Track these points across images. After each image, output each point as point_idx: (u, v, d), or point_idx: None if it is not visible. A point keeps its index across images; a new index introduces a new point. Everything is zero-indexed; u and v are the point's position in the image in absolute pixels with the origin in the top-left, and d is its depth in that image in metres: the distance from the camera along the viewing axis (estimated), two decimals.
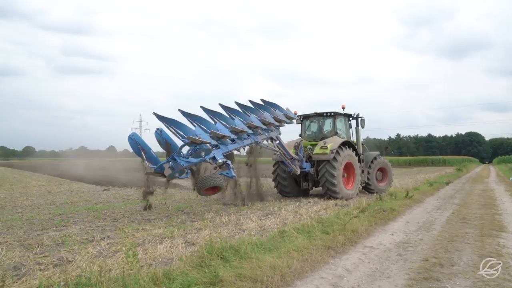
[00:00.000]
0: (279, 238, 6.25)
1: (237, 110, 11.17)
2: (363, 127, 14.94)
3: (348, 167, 13.33)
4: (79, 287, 3.77)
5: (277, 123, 12.08)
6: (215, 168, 9.58)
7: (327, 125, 14.35)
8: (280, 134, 12.41)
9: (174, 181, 21.11)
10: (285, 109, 12.83)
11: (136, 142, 9.07)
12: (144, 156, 8.91)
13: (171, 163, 8.87)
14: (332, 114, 14.11)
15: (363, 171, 14.42)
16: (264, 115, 11.49)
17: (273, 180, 14.15)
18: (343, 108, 14.66)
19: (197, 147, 9.08)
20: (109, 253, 5.80)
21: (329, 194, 12.52)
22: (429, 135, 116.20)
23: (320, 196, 13.37)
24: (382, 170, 15.66)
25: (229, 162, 9.49)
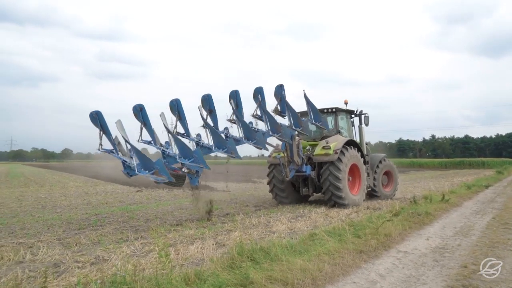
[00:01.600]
0: (310, 241, 6.19)
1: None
2: (367, 125, 13.33)
3: (353, 170, 11.80)
4: (115, 285, 3.89)
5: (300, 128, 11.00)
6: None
7: (328, 122, 12.55)
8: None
9: (205, 182, 21.47)
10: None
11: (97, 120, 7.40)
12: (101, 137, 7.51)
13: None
14: (334, 110, 12.56)
15: (368, 174, 12.82)
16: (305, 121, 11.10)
17: (268, 184, 12.61)
18: (346, 103, 13.10)
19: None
20: (143, 253, 5.95)
21: (333, 200, 11.09)
22: (466, 136, 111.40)
23: (319, 202, 12.28)
24: (387, 174, 14.09)
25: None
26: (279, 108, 10.59)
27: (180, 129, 8.91)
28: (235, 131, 9.41)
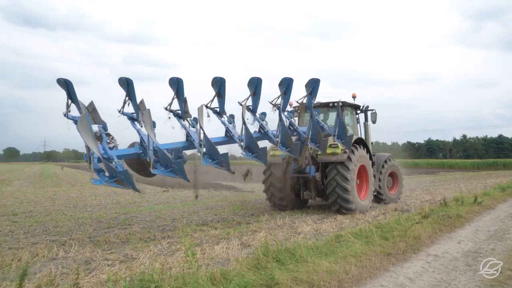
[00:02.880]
0: (336, 243, 6.12)
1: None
2: (374, 122, 12.11)
3: (361, 172, 10.54)
4: (143, 283, 3.97)
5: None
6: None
7: (333, 118, 10.98)
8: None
9: (230, 183, 21.66)
10: None
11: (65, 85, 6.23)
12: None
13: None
14: (340, 104, 10.64)
15: (374, 177, 11.46)
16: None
17: (264, 192, 11.14)
18: (354, 97, 11.71)
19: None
20: (169, 252, 6.06)
21: (338, 203, 9.74)
22: (500, 136, 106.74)
23: (321, 207, 11.31)
24: (392, 175, 12.83)
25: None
26: (304, 101, 9.21)
27: (177, 113, 7.56)
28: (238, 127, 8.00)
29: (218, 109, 7.94)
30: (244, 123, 7.53)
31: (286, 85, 8.32)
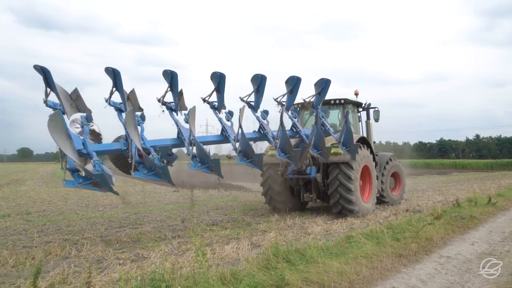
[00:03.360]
0: (346, 244, 6.07)
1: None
2: (376, 120, 11.69)
3: (364, 173, 9.96)
4: (154, 283, 4.00)
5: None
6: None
7: (335, 116, 10.93)
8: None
9: (240, 183, 21.65)
10: None
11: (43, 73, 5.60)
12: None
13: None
14: (342, 101, 10.65)
15: (377, 177, 10.86)
16: None
17: (263, 195, 10.59)
18: (356, 94, 11.26)
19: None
20: (180, 252, 6.10)
21: (340, 205, 9.16)
22: None
23: (321, 209, 10.83)
24: (395, 175, 12.32)
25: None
26: (312, 100, 8.72)
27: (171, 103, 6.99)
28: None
29: (215, 104, 7.38)
30: (240, 126, 7.05)
31: (293, 83, 7.90)
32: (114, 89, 6.22)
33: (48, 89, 5.62)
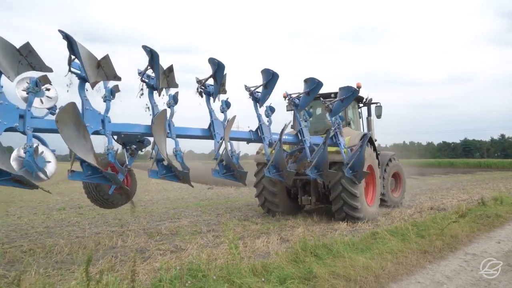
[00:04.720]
0: (372, 240, 5.93)
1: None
2: (378, 117, 10.26)
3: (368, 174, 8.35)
4: (191, 272, 4.08)
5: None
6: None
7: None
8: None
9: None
10: None
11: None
12: None
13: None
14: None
15: (379, 177, 9.43)
16: None
17: (256, 197, 9.24)
18: (359, 87, 8.61)
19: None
20: (214, 244, 6.18)
21: (344, 211, 7.87)
22: None
23: (319, 211, 9.42)
24: (395, 176, 10.99)
25: None
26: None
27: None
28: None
29: (209, 91, 5.89)
30: (226, 141, 5.51)
31: (312, 86, 6.62)
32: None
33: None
